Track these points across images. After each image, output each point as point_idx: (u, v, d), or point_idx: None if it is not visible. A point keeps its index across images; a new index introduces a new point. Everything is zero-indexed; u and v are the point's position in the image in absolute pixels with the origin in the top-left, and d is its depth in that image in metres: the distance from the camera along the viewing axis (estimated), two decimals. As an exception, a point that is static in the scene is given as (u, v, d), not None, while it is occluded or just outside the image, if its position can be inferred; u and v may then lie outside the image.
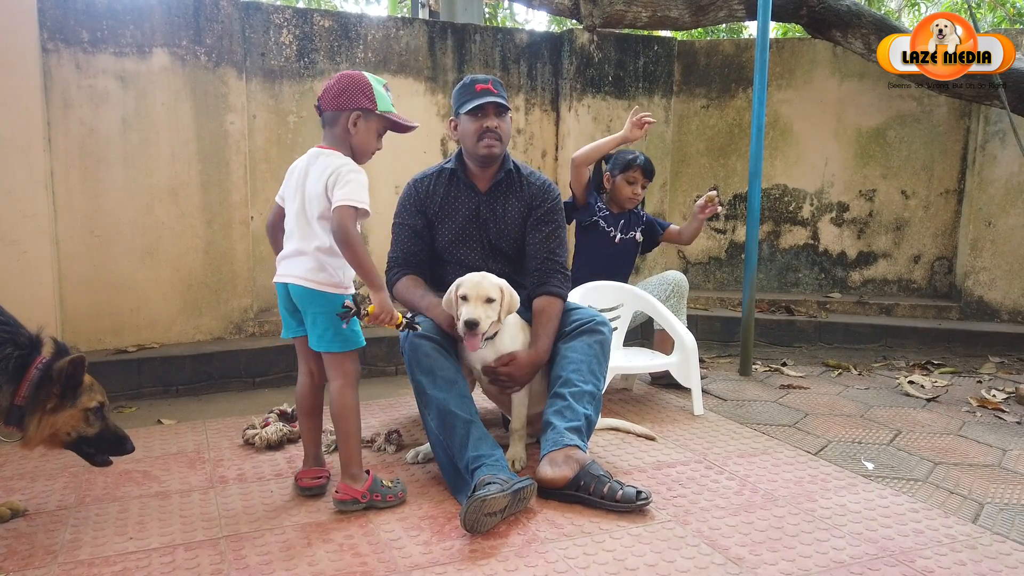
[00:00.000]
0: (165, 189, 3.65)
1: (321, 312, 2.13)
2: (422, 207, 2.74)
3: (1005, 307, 4.79)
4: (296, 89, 4.05)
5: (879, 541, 2.04)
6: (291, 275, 2.16)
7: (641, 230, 3.58)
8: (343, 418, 2.17)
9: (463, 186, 2.74)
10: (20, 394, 1.93)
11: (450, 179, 2.75)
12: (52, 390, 1.95)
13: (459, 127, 2.70)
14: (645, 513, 2.18)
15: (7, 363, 1.92)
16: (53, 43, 3.42)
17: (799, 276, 5.27)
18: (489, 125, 2.61)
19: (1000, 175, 4.74)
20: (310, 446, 2.36)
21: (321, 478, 2.33)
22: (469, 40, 4.47)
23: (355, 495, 2.16)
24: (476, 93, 2.62)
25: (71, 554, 1.95)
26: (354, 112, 2.16)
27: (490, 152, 2.63)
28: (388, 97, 2.23)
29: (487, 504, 2.01)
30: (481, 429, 2.31)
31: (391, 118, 2.23)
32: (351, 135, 2.18)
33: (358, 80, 2.19)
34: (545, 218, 2.74)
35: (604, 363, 2.57)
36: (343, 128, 2.18)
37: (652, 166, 3.51)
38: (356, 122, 2.17)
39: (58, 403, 1.96)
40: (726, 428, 3.01)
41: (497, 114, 2.63)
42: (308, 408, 2.33)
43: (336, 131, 2.20)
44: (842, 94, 5.06)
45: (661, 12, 4.63)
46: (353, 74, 2.20)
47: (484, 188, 2.74)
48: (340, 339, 2.14)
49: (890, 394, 3.58)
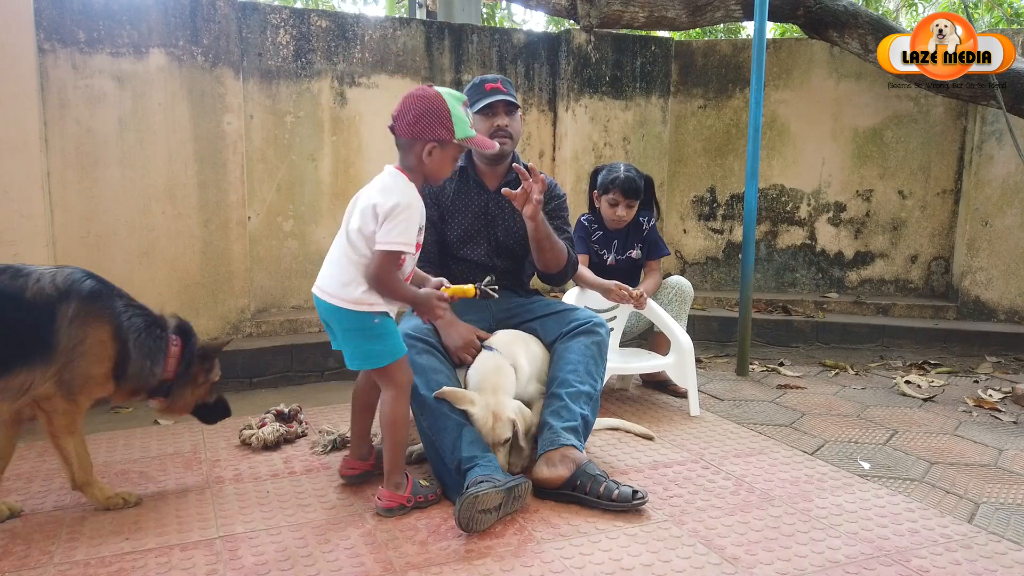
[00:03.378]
0: (162, 189, 3.65)
1: (348, 328, 2.07)
2: (436, 198, 2.75)
3: (1002, 307, 4.80)
4: (293, 89, 4.05)
5: (875, 541, 2.04)
6: (321, 288, 2.11)
7: (641, 247, 3.43)
8: (392, 428, 2.14)
9: (473, 184, 2.77)
10: (168, 369, 2.21)
11: (460, 176, 2.77)
12: (204, 366, 2.30)
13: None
14: (641, 513, 2.19)
15: (160, 343, 2.20)
16: (49, 43, 3.41)
17: (796, 276, 5.27)
18: (500, 124, 2.63)
19: (997, 175, 4.75)
20: (356, 439, 2.40)
21: (355, 469, 2.38)
22: (466, 40, 4.47)
23: (400, 501, 2.16)
24: (486, 92, 2.65)
25: (67, 555, 1.95)
26: (429, 143, 2.04)
27: (501, 150, 2.65)
28: (467, 117, 2.09)
29: (480, 500, 2.01)
30: (473, 431, 2.31)
31: (470, 144, 2.12)
32: (424, 164, 2.07)
33: (435, 105, 2.01)
34: (552, 214, 2.78)
35: (601, 364, 2.58)
36: (417, 157, 2.06)
37: (635, 184, 3.27)
38: (431, 152, 2.05)
39: (204, 378, 2.31)
40: (723, 428, 3.01)
41: (507, 112, 2.66)
42: (360, 405, 2.36)
43: (410, 158, 2.08)
44: (839, 94, 5.06)
45: (658, 12, 4.63)
46: (429, 95, 2.02)
47: (493, 186, 2.77)
48: (374, 356, 2.08)
49: (887, 394, 3.59)
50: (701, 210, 5.27)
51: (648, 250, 3.43)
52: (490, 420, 2.28)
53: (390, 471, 2.17)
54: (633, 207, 3.31)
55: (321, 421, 3.06)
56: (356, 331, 2.06)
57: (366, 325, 2.05)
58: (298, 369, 3.77)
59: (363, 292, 2.05)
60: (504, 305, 2.81)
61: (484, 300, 2.29)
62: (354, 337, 2.07)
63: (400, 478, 2.17)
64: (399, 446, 2.15)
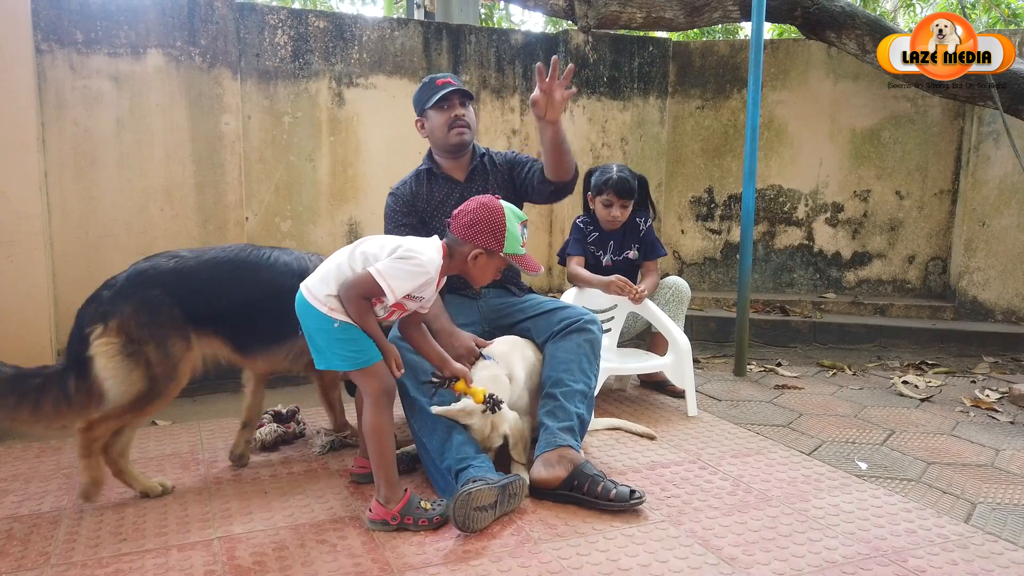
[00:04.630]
0: (159, 190, 3.65)
1: (310, 327, 2.05)
2: (412, 206, 2.78)
3: (999, 307, 4.81)
4: (291, 90, 4.05)
5: (872, 541, 2.05)
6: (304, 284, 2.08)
7: (638, 248, 3.42)
8: (369, 438, 2.09)
9: (441, 181, 2.81)
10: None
11: (428, 178, 2.82)
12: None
13: (427, 124, 2.78)
14: (639, 513, 2.19)
15: None
16: (47, 44, 3.42)
17: (794, 276, 5.28)
18: (457, 114, 2.70)
19: (994, 176, 4.75)
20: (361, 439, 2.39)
21: (364, 468, 2.38)
22: (464, 41, 4.47)
23: (385, 517, 2.08)
24: (438, 87, 2.71)
25: (65, 555, 1.95)
26: (477, 249, 2.09)
27: (461, 139, 2.71)
28: (521, 236, 2.13)
29: (474, 497, 2.01)
30: (465, 434, 2.30)
31: (515, 261, 2.14)
32: (467, 267, 2.12)
33: (494, 216, 2.08)
34: (525, 163, 2.85)
35: (595, 362, 2.57)
36: (462, 256, 2.11)
37: (628, 184, 3.25)
38: (477, 257, 2.10)
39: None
40: (720, 428, 3.02)
41: (462, 103, 2.72)
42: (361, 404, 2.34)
43: (456, 253, 2.11)
44: (837, 95, 5.07)
45: (656, 13, 4.64)
46: (492, 207, 2.10)
47: (462, 177, 2.81)
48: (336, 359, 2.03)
49: (884, 394, 3.59)
50: (699, 210, 5.27)
51: (645, 251, 3.43)
52: (487, 430, 2.30)
53: (378, 483, 2.11)
54: (628, 207, 3.31)
55: (319, 421, 3.06)
56: (317, 331, 2.03)
57: (325, 327, 2.01)
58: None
59: (329, 294, 2.01)
60: (496, 304, 2.81)
61: (472, 298, 2.25)
62: (315, 336, 2.04)
63: (390, 492, 2.09)
64: (381, 457, 2.09)
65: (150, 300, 2.24)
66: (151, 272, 2.30)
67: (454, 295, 2.75)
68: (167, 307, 2.25)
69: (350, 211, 4.21)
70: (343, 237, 4.21)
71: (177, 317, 2.26)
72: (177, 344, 2.27)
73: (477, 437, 2.30)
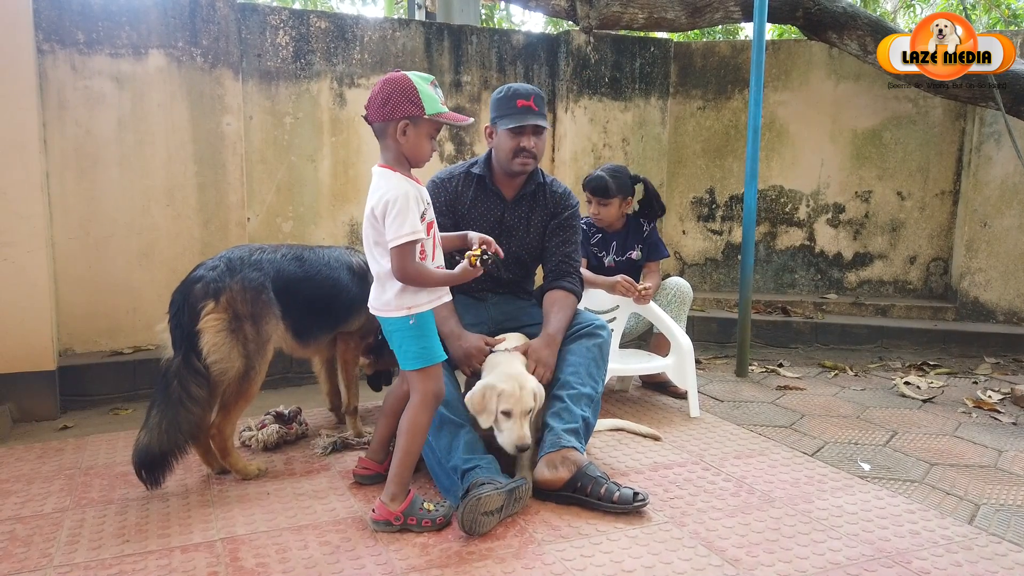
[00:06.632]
0: (161, 190, 3.65)
1: (390, 331, 2.12)
2: (452, 207, 2.72)
3: (1000, 308, 4.80)
4: (292, 90, 4.05)
5: (875, 542, 2.04)
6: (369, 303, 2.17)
7: (641, 248, 3.44)
8: (409, 434, 2.10)
9: (490, 193, 2.73)
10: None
11: (477, 184, 2.74)
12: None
13: (495, 137, 2.68)
14: (642, 514, 2.19)
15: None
16: (49, 44, 3.41)
17: (795, 277, 5.28)
18: (526, 145, 2.60)
19: (995, 176, 4.75)
20: (376, 443, 2.44)
21: (368, 470, 2.41)
22: (465, 41, 4.47)
23: (388, 517, 2.09)
24: (517, 110, 2.58)
25: (67, 556, 1.95)
26: (401, 121, 2.03)
27: (524, 170, 2.66)
28: (437, 96, 2.07)
29: (483, 503, 2.01)
30: (472, 434, 2.31)
31: (443, 119, 2.08)
32: (401, 144, 2.05)
33: (402, 85, 2.02)
34: (564, 224, 2.78)
35: (603, 366, 2.58)
36: (393, 139, 2.05)
37: (602, 183, 3.30)
38: (405, 130, 2.03)
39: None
40: (722, 429, 3.01)
41: (535, 133, 2.62)
42: (389, 410, 2.38)
43: (387, 143, 2.07)
44: (838, 96, 5.07)
45: (657, 14, 4.63)
46: (396, 78, 2.04)
47: (510, 196, 2.74)
48: (412, 357, 2.09)
49: (886, 395, 3.59)
50: (700, 211, 5.27)
51: (648, 251, 3.44)
52: (518, 389, 2.28)
53: (391, 479, 2.12)
54: (608, 205, 3.33)
55: (321, 422, 3.06)
56: (395, 333, 2.10)
57: (402, 327, 2.07)
58: (298, 370, 3.76)
59: (392, 296, 2.06)
60: (505, 308, 2.81)
61: (480, 300, 2.25)
62: (395, 339, 2.11)
63: (398, 490, 2.10)
64: (409, 455, 2.11)
65: (253, 280, 2.45)
66: (248, 257, 2.51)
67: (462, 296, 2.75)
68: (266, 289, 2.47)
69: (351, 212, 4.21)
70: (344, 238, 4.20)
71: (271, 300, 2.49)
72: (271, 323, 2.48)
73: (509, 399, 2.26)
